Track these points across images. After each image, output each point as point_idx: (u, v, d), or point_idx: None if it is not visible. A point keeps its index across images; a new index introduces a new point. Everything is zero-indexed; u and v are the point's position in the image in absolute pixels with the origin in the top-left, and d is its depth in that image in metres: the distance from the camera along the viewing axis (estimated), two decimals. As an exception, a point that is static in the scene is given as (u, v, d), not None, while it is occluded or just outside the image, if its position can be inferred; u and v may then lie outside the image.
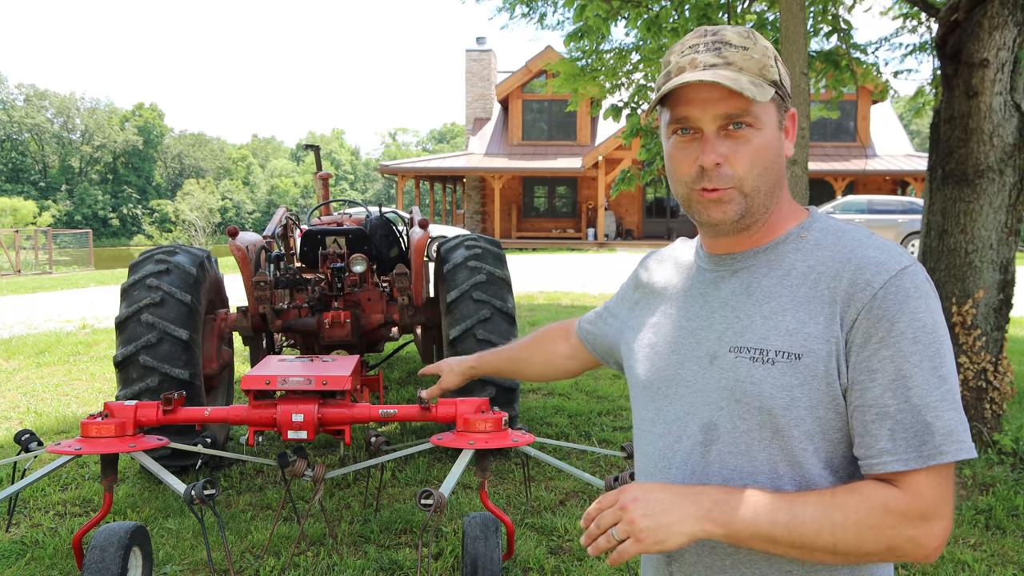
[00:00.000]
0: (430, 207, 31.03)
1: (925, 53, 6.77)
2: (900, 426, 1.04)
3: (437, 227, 17.19)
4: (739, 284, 1.19)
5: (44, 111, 68.29)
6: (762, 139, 1.12)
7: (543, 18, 7.62)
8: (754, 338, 1.13)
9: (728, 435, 1.14)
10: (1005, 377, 4.52)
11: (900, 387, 1.04)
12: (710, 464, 1.16)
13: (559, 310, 10.64)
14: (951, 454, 1.03)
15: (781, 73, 1.15)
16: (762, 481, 1.12)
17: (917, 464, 1.03)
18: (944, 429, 1.04)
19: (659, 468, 1.23)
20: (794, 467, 1.11)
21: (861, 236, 1.14)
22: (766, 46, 1.14)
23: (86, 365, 7.58)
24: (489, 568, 2.75)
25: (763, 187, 1.13)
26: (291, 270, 5.06)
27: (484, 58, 28.91)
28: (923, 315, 1.05)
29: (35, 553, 3.49)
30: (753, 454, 1.12)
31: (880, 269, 1.07)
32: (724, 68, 1.10)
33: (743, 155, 1.11)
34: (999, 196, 4.39)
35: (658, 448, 1.24)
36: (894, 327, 1.05)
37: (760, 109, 1.11)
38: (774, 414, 1.10)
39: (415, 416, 3.36)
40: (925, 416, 1.04)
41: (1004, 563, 3.36)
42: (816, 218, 1.20)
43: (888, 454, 1.05)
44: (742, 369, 1.13)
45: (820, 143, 24.59)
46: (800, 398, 1.09)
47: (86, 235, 29.45)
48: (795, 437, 1.10)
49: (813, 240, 1.16)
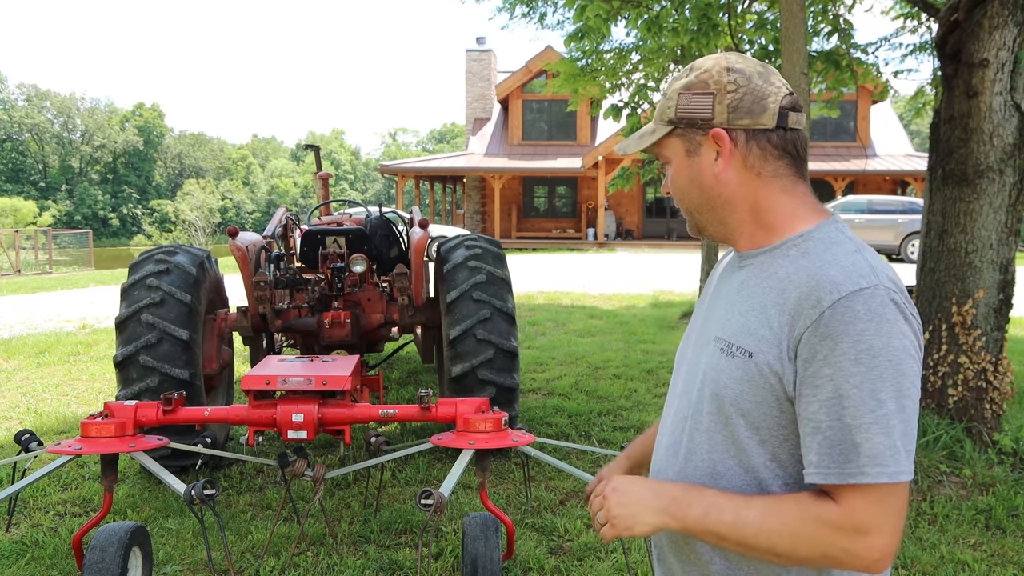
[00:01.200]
0: (430, 207, 31.03)
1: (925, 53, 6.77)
2: (828, 442, 1.10)
3: (437, 227, 17.20)
4: (738, 281, 1.29)
5: (44, 111, 68.29)
6: (673, 171, 1.30)
7: (543, 18, 7.63)
8: (728, 331, 1.23)
9: (696, 414, 1.27)
10: (1005, 377, 4.52)
11: (835, 405, 1.09)
12: (683, 435, 1.30)
13: (559, 310, 10.64)
14: (872, 476, 1.07)
15: (682, 104, 1.25)
16: (715, 459, 1.23)
17: (838, 480, 1.09)
18: (871, 451, 1.07)
19: (662, 432, 1.39)
20: (741, 453, 1.20)
21: (840, 254, 1.16)
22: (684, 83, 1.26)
23: (86, 365, 7.58)
24: (489, 568, 2.75)
25: (691, 207, 1.30)
26: (291, 270, 5.06)
27: (484, 58, 28.91)
28: (869, 337, 1.07)
29: (35, 553, 3.49)
30: (711, 434, 1.24)
31: (833, 289, 1.10)
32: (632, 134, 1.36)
33: (669, 185, 1.33)
34: (999, 196, 4.38)
35: (664, 417, 1.40)
36: (837, 347, 1.08)
37: (661, 148, 1.30)
38: (724, 402, 1.21)
39: (415, 416, 3.36)
40: (854, 436, 1.08)
41: (1004, 563, 3.36)
42: (822, 226, 1.23)
43: (813, 467, 1.11)
44: (714, 357, 1.24)
45: (820, 143, 24.59)
46: (747, 392, 1.18)
47: (86, 235, 29.45)
48: (741, 426, 1.19)
49: (804, 249, 1.20)
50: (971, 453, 4.37)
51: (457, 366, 4.35)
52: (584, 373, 6.95)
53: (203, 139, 79.79)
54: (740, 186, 1.24)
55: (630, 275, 15.64)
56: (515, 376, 4.44)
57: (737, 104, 1.21)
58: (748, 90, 1.21)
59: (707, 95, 1.23)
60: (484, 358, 4.33)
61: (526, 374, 6.91)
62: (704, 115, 1.23)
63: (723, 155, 1.24)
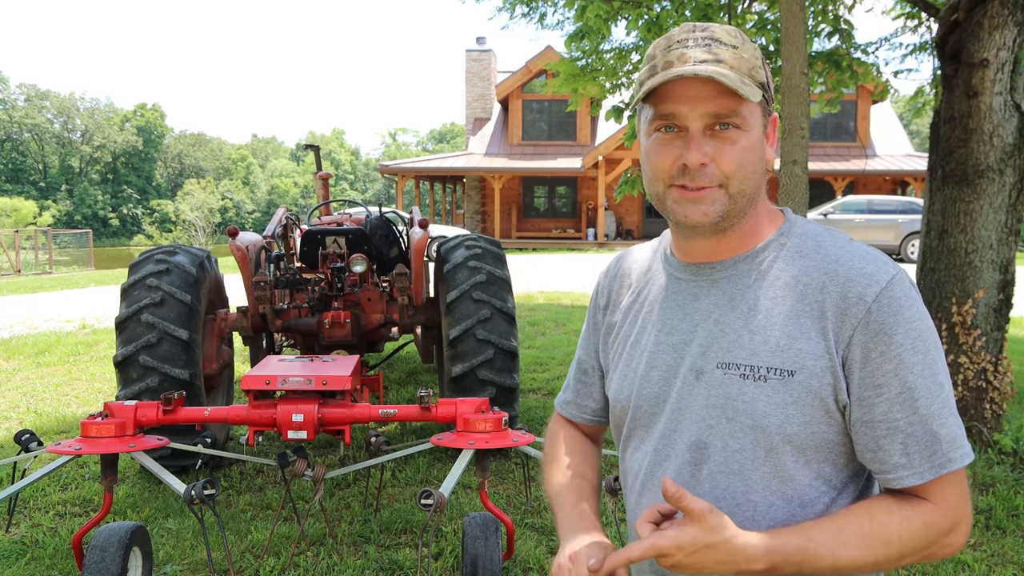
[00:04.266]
0: (430, 207, 31.03)
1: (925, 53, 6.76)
2: (912, 439, 1.05)
3: (437, 227, 17.19)
4: (721, 295, 1.15)
5: (45, 111, 68.29)
6: (748, 140, 1.09)
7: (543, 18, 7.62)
8: (743, 354, 1.10)
9: (719, 454, 1.12)
10: (1005, 377, 4.52)
11: (907, 400, 1.05)
12: (701, 483, 1.13)
13: (559, 310, 10.64)
14: (958, 461, 1.06)
15: (767, 76, 1.12)
16: (755, 499, 1.10)
17: (931, 475, 1.05)
18: (949, 436, 1.06)
19: (646, 488, 1.20)
20: (785, 482, 1.10)
21: (842, 244, 1.12)
22: (754, 47, 1.11)
23: (86, 365, 7.58)
24: (489, 568, 2.75)
25: (747, 190, 1.10)
26: (291, 270, 5.06)
27: (484, 58, 28.91)
28: (918, 323, 1.06)
29: (35, 553, 3.49)
30: (746, 473, 1.10)
31: (870, 281, 1.06)
32: (715, 65, 1.05)
33: (730, 156, 1.08)
34: (999, 196, 4.39)
35: (644, 467, 1.21)
36: (893, 340, 1.04)
37: (748, 110, 1.08)
38: (768, 432, 1.08)
39: (415, 416, 3.36)
40: (931, 425, 1.05)
41: (1004, 563, 3.36)
42: (793, 223, 1.17)
43: (903, 468, 1.06)
44: (733, 386, 1.10)
45: (820, 143, 24.58)
46: (794, 415, 1.07)
47: (86, 235, 29.45)
48: (787, 453, 1.09)
49: (794, 247, 1.14)
50: (971, 453, 4.37)
51: (457, 366, 4.35)
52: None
53: (203, 139, 79.79)
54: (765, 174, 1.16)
55: (630, 275, 15.61)
56: (515, 376, 4.44)
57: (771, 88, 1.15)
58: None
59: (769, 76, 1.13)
60: (484, 358, 4.33)
61: (526, 374, 6.91)
62: (772, 93, 1.14)
63: (771, 139, 1.15)
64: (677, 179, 1.10)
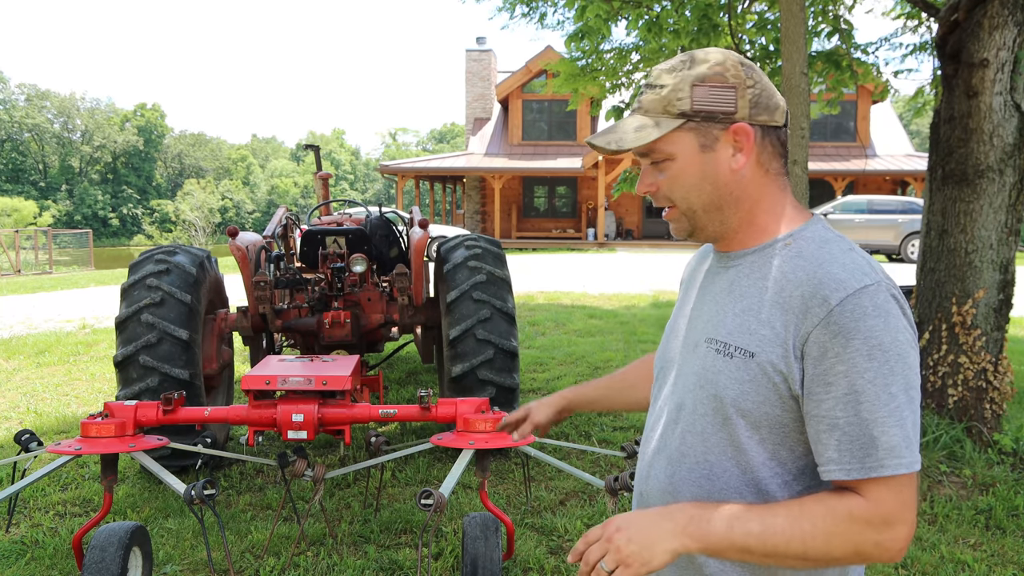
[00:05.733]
0: (430, 207, 31.03)
1: (925, 53, 6.77)
2: (847, 438, 1.11)
3: (437, 227, 17.20)
4: (726, 281, 1.28)
5: (45, 111, 68.29)
6: (677, 167, 1.23)
7: (543, 18, 7.63)
8: (723, 332, 1.23)
9: (689, 416, 1.26)
10: (1005, 377, 4.52)
11: (851, 401, 1.10)
12: (673, 439, 1.28)
13: (559, 310, 10.64)
14: (891, 468, 1.10)
15: (699, 98, 1.20)
16: (711, 460, 1.22)
17: (860, 475, 1.10)
18: (888, 444, 1.10)
19: (647, 439, 1.37)
20: (740, 452, 1.20)
21: (836, 252, 1.18)
22: (693, 75, 1.20)
23: (86, 365, 7.58)
24: (489, 568, 2.75)
25: (697, 206, 1.24)
26: (291, 270, 5.06)
27: (484, 58, 28.91)
28: (879, 333, 1.10)
29: (35, 553, 3.49)
30: (707, 436, 1.23)
31: (839, 287, 1.12)
32: (631, 116, 1.25)
33: (666, 184, 1.25)
34: (999, 196, 4.39)
35: (650, 422, 1.38)
36: (849, 344, 1.10)
37: (665, 144, 1.22)
38: (724, 402, 1.19)
39: (415, 416, 3.36)
40: (872, 430, 1.10)
41: (1004, 563, 3.36)
42: (809, 227, 1.24)
43: (834, 463, 1.12)
44: (709, 359, 1.23)
45: (820, 143, 24.59)
46: (749, 392, 1.17)
47: (86, 235, 29.45)
48: (741, 426, 1.19)
49: (796, 248, 1.21)
50: (971, 453, 4.37)
51: (457, 366, 4.35)
52: (584, 373, 6.95)
53: (203, 139, 79.79)
54: (751, 183, 1.24)
55: (630, 275, 15.64)
56: (515, 376, 4.44)
57: (756, 99, 1.21)
58: (763, 86, 1.22)
59: (728, 88, 1.20)
60: (484, 358, 4.33)
61: (526, 374, 6.91)
62: (727, 108, 1.20)
63: (745, 150, 1.22)
64: None
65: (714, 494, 1.21)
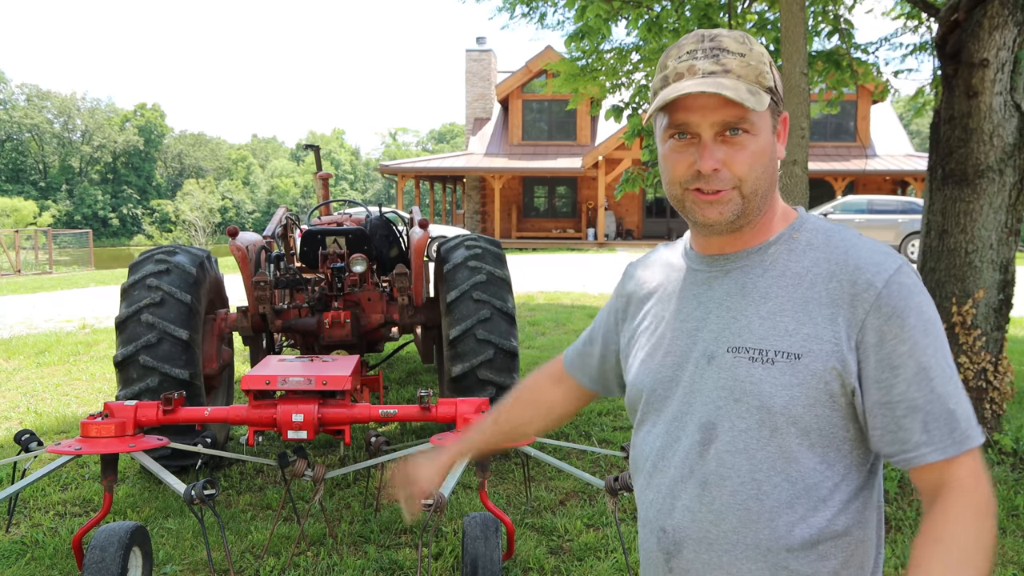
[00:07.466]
0: (430, 207, 31.03)
1: (925, 53, 6.76)
2: (931, 417, 1.08)
3: (437, 227, 17.19)
4: (733, 284, 1.21)
5: (45, 111, 68.27)
6: (758, 144, 1.14)
7: (543, 18, 7.62)
8: (753, 338, 1.15)
9: (727, 434, 1.16)
10: (1005, 377, 4.52)
11: (924, 379, 1.08)
12: (707, 463, 1.17)
13: (559, 310, 10.64)
14: (975, 438, 1.09)
15: (775, 78, 1.17)
16: (759, 479, 1.14)
17: (953, 452, 1.07)
18: (965, 415, 1.10)
19: (657, 468, 1.24)
20: (790, 463, 1.13)
21: (851, 237, 1.18)
22: (761, 52, 1.16)
23: (86, 365, 7.58)
24: (489, 568, 2.75)
25: (760, 189, 1.16)
26: (291, 270, 5.07)
27: (484, 58, 28.91)
28: (927, 308, 1.11)
29: (35, 553, 3.49)
30: (752, 452, 1.14)
31: (879, 269, 1.11)
32: (723, 76, 1.11)
33: (741, 160, 1.13)
34: (999, 196, 4.38)
35: (656, 448, 1.25)
36: (906, 322, 1.08)
37: (756, 116, 1.13)
38: (773, 412, 1.12)
39: (415, 416, 3.36)
40: (948, 404, 1.09)
41: (1004, 563, 3.36)
42: (805, 219, 1.23)
43: (925, 445, 1.08)
44: (741, 369, 1.15)
45: (820, 143, 24.58)
46: (799, 397, 1.11)
47: (86, 235, 29.45)
48: (792, 435, 1.12)
49: (804, 241, 1.19)
50: (971, 453, 4.37)
51: (457, 366, 4.35)
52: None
53: (203, 139, 79.78)
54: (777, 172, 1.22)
55: (630, 275, 15.62)
56: (515, 376, 4.44)
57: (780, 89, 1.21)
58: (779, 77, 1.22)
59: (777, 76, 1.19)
60: (484, 358, 4.33)
61: (526, 374, 6.90)
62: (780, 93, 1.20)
63: (782, 138, 1.21)
64: (693, 183, 1.16)
65: (763, 515, 1.13)
